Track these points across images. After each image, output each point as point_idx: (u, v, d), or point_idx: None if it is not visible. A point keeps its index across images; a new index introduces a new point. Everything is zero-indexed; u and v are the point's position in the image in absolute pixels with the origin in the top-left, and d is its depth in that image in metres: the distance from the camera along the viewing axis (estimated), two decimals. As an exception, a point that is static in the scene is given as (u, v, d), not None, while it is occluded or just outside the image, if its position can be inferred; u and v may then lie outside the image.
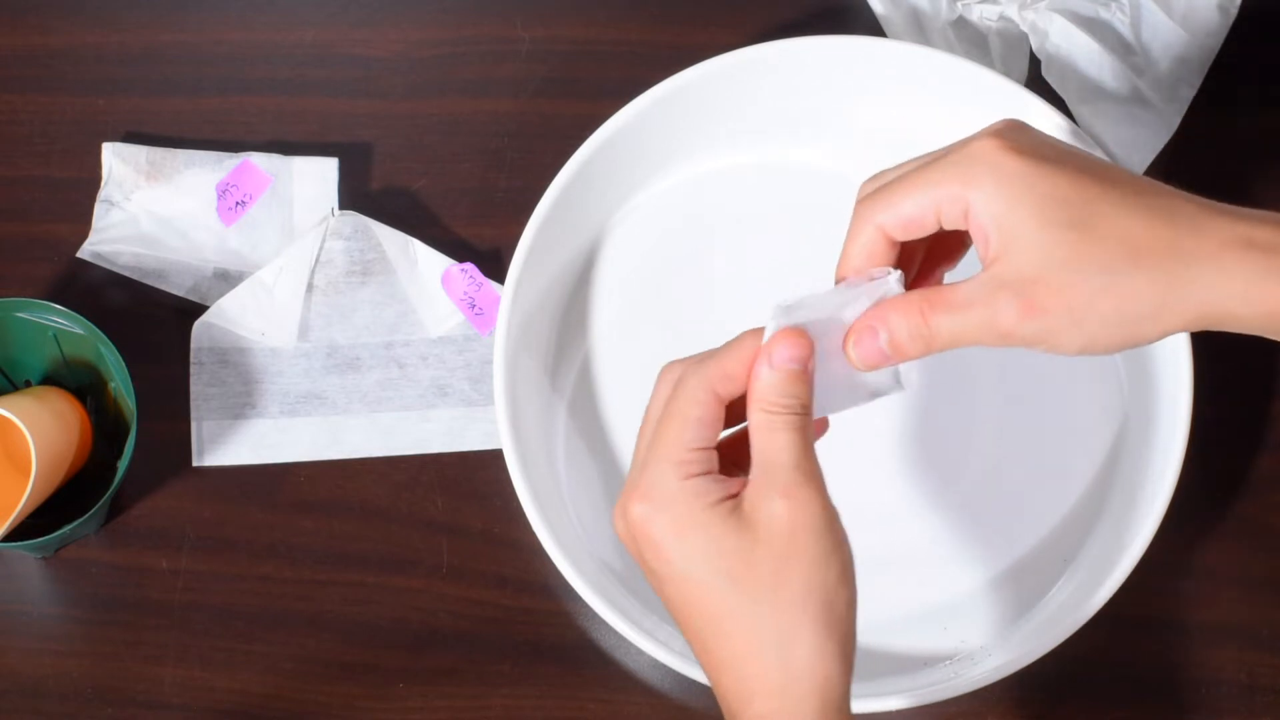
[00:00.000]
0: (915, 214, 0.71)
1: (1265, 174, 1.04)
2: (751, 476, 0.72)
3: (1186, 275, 0.69)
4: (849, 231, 0.73)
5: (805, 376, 0.72)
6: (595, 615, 0.92)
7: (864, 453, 0.99)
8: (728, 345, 0.73)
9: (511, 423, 0.94)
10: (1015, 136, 0.71)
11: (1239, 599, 0.99)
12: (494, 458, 0.99)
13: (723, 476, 0.72)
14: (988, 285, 0.70)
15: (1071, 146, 0.73)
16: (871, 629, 0.97)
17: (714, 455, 0.72)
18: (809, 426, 0.72)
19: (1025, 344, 0.71)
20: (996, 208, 0.69)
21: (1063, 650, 0.92)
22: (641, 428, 0.73)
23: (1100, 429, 0.99)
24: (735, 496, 0.71)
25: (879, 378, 0.75)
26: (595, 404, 1.00)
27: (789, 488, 0.70)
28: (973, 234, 0.71)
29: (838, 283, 0.73)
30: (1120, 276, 0.69)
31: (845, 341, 0.73)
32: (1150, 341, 0.71)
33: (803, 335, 0.72)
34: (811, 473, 0.71)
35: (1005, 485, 0.99)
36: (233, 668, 0.98)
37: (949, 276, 0.76)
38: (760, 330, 0.73)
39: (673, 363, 0.73)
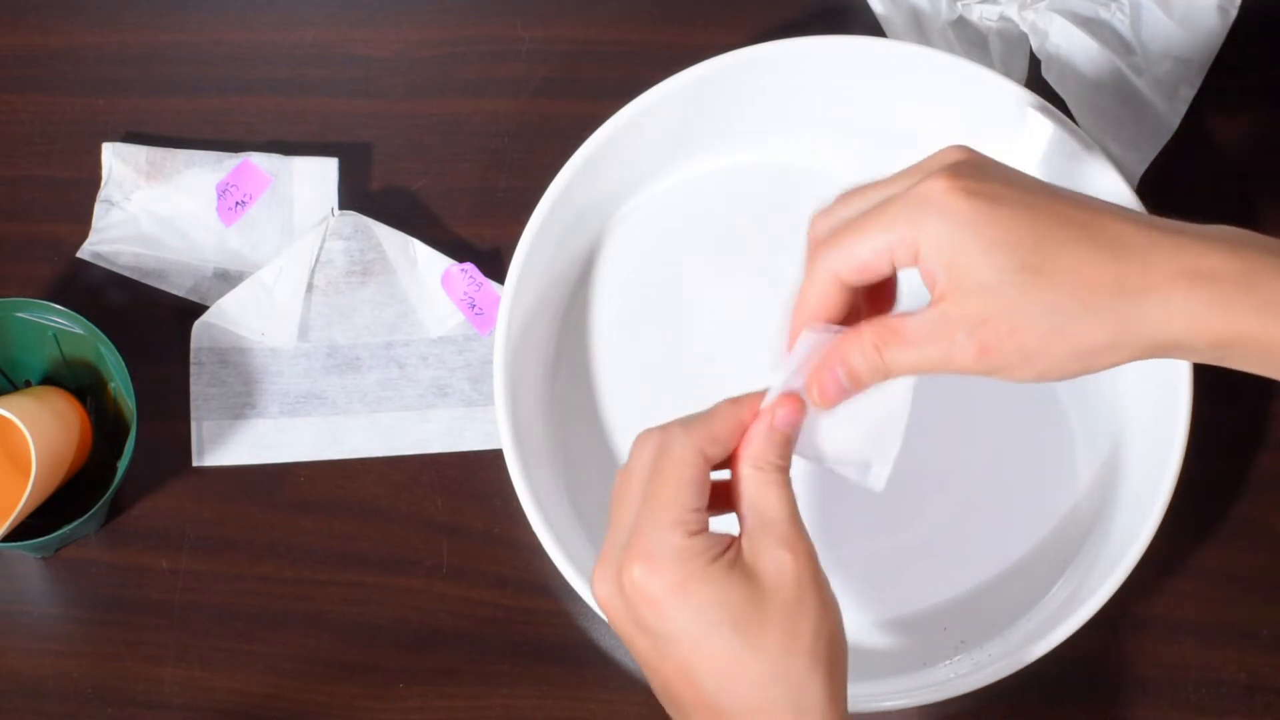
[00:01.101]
0: (869, 260, 0.72)
1: (1265, 174, 1.04)
2: (745, 529, 0.73)
3: (1135, 313, 0.70)
4: (805, 277, 0.74)
5: (793, 440, 0.74)
6: (595, 615, 0.92)
7: (864, 453, 0.99)
8: (710, 412, 0.74)
9: (511, 423, 0.94)
10: (965, 174, 0.71)
11: (1239, 599, 0.99)
12: (494, 458, 0.99)
13: (714, 533, 0.73)
14: (940, 322, 0.71)
15: (1021, 176, 0.73)
16: (872, 629, 0.97)
17: (706, 515, 0.73)
18: (791, 483, 0.74)
19: (979, 375, 0.72)
20: (945, 253, 0.70)
21: (1063, 650, 0.92)
22: (619, 493, 0.74)
23: (1100, 429, 0.99)
24: (729, 549, 0.72)
25: (852, 465, 0.76)
26: (595, 404, 1.00)
27: (790, 540, 0.72)
28: (922, 274, 0.72)
29: (793, 326, 0.75)
30: (1069, 319, 0.70)
31: (809, 386, 0.74)
32: (1103, 369, 0.72)
33: (800, 401, 0.74)
34: (803, 526, 0.73)
35: (1005, 486, 0.99)
36: (233, 668, 0.98)
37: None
38: (738, 399, 0.74)
39: (648, 431, 0.74)
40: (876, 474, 0.76)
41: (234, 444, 1.00)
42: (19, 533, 0.94)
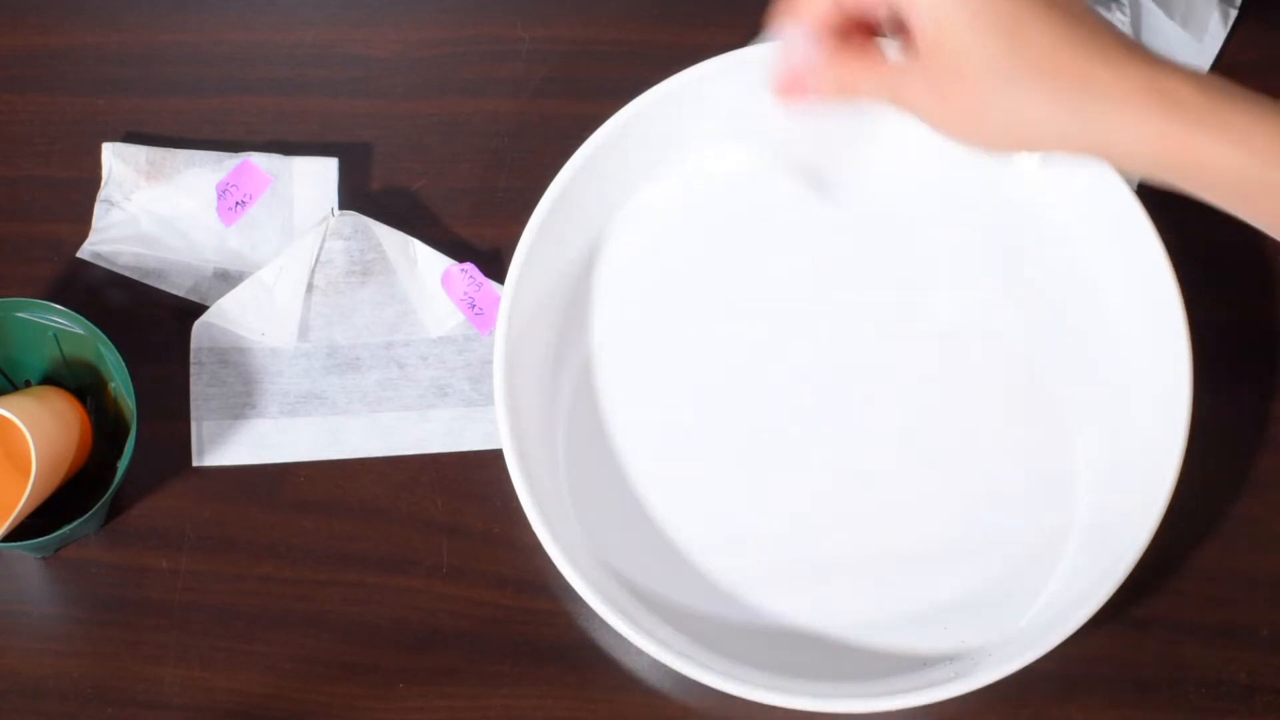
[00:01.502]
0: None
1: (1265, 174, 1.04)
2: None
3: (1091, 107, 0.73)
4: None
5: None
6: (595, 615, 0.92)
7: (865, 451, 0.99)
8: None
9: (511, 423, 0.94)
10: None
11: (1239, 599, 0.99)
12: (494, 458, 0.99)
13: None
14: (911, 68, 0.75)
15: None
16: (872, 629, 0.97)
17: None
18: None
19: (926, 124, 0.76)
20: (938, 8, 0.74)
21: (1063, 650, 0.92)
22: None
23: (1099, 428, 0.99)
24: None
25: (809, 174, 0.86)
26: (595, 404, 1.00)
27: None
28: (911, 21, 0.75)
29: (779, 18, 0.80)
30: (1025, 94, 0.73)
31: (779, 78, 0.80)
32: (1042, 150, 0.75)
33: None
34: None
35: (1005, 485, 0.99)
36: (233, 668, 0.98)
37: None
38: None
39: None
40: (825, 182, 0.83)
41: (234, 444, 1.00)
42: (19, 533, 0.94)
